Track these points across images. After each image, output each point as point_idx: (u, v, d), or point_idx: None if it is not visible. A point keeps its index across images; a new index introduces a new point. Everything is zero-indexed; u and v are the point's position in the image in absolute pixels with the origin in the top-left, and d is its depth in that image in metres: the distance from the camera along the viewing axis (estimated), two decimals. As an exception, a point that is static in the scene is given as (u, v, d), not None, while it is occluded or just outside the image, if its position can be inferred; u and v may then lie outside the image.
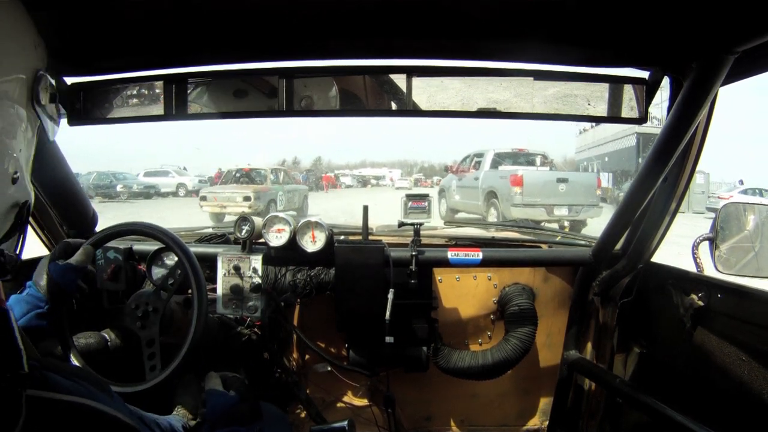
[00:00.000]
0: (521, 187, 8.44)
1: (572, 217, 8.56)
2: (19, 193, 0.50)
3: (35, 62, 0.52)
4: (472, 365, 1.59)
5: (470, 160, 10.26)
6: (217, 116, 1.13)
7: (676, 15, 0.84)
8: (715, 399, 1.06)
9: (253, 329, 1.45)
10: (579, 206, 8.62)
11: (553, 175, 9.01)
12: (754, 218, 1.16)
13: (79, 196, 1.42)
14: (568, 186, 8.66)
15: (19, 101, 0.49)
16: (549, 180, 8.75)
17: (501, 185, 8.77)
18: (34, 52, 0.52)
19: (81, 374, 0.50)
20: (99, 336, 1.21)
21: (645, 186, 1.18)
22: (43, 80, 0.53)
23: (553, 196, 8.53)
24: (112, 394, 0.52)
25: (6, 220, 0.49)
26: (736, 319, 1.03)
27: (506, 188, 8.59)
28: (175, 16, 0.87)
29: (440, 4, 0.85)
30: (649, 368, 1.34)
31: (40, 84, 0.52)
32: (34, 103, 0.52)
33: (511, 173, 8.73)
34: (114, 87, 1.14)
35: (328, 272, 1.52)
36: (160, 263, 1.35)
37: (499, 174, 9.09)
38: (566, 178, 8.88)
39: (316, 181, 26.14)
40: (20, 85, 0.50)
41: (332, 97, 1.11)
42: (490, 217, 8.63)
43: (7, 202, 0.49)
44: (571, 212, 8.59)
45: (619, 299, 1.43)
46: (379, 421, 1.65)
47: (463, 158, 10.71)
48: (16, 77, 0.49)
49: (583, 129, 22.35)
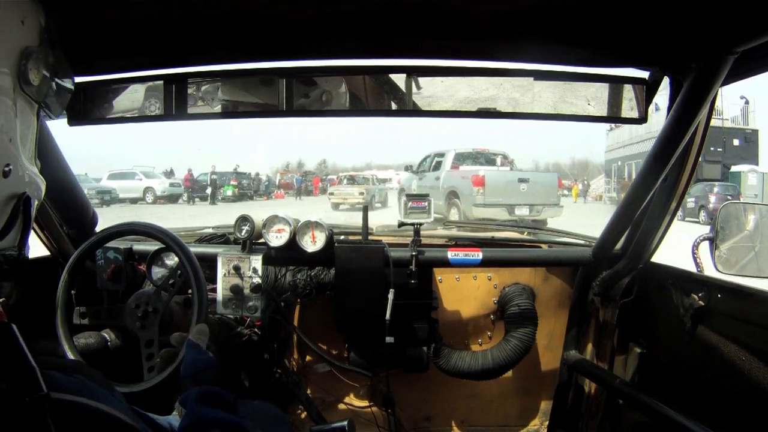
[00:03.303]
0: (483, 187, 8.54)
1: (533, 216, 8.64)
2: (13, 185, 0.46)
3: (21, 39, 0.46)
4: (472, 365, 1.59)
5: (431, 160, 10.31)
6: (217, 116, 1.13)
7: (675, 15, 0.84)
8: (715, 399, 1.06)
9: (253, 329, 1.45)
10: (540, 206, 8.74)
11: (515, 175, 9.14)
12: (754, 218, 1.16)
13: (79, 196, 1.42)
14: (529, 186, 8.80)
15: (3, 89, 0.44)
16: (510, 180, 8.87)
17: (462, 185, 8.85)
18: (20, 27, 0.46)
19: (83, 370, 0.48)
20: (99, 336, 1.22)
21: (645, 186, 1.18)
22: (33, 58, 0.47)
23: (514, 195, 8.65)
24: (114, 391, 0.50)
25: (1, 214, 0.46)
26: (736, 319, 1.03)
27: (468, 188, 8.68)
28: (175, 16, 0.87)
29: (440, 5, 0.85)
30: (650, 368, 1.33)
31: (29, 62, 0.46)
32: (22, 85, 0.46)
33: (473, 173, 8.82)
34: (114, 87, 1.14)
35: (328, 272, 1.52)
36: (160, 263, 1.35)
37: (460, 174, 9.18)
38: (527, 178, 9.02)
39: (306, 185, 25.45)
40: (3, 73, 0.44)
41: (332, 97, 1.11)
42: (451, 216, 8.67)
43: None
44: (532, 212, 8.70)
45: (619, 299, 1.43)
46: (379, 422, 1.65)
47: (424, 158, 10.75)
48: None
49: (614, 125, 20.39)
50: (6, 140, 0.45)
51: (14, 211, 0.47)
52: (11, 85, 0.45)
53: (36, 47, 0.48)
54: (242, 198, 19.63)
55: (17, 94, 0.46)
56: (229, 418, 0.63)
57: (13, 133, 0.46)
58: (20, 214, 0.48)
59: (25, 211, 0.49)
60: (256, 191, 22.25)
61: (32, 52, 0.47)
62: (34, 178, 0.51)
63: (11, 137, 0.46)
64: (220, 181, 19.34)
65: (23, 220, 0.49)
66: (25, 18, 0.47)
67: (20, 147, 0.48)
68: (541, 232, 1.95)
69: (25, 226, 0.50)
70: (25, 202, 0.49)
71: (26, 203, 0.49)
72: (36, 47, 0.48)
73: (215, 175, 19.00)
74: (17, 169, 0.47)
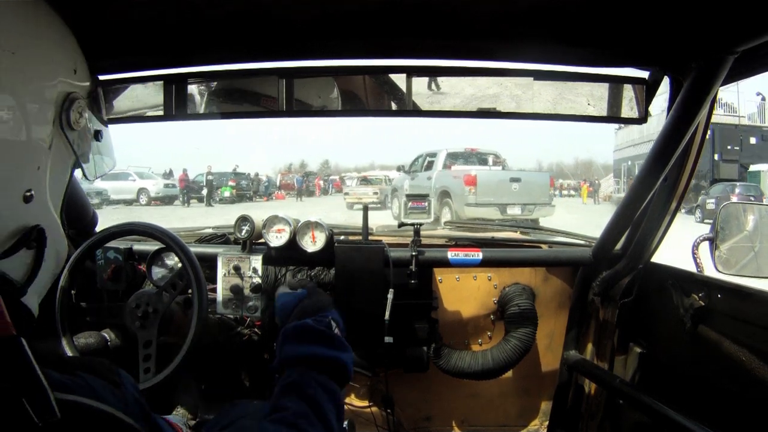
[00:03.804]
0: (475, 186, 8.56)
1: (525, 215, 8.68)
2: (31, 214, 0.45)
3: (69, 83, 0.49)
4: (473, 365, 1.59)
5: (423, 160, 10.34)
6: (217, 116, 1.13)
7: (675, 15, 0.84)
8: (715, 399, 1.06)
9: (253, 329, 1.45)
10: (532, 205, 8.76)
11: (507, 175, 9.17)
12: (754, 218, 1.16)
13: (79, 196, 1.42)
14: (521, 185, 8.82)
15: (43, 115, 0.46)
16: (502, 179, 8.90)
17: (454, 185, 8.87)
18: (71, 73, 0.50)
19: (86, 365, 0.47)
20: (99, 336, 1.22)
21: (645, 186, 1.18)
22: (77, 106, 0.49)
23: (506, 195, 8.68)
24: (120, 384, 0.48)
25: (9, 238, 0.44)
26: (736, 319, 1.03)
27: (460, 188, 8.70)
28: (175, 16, 0.87)
29: (440, 5, 0.85)
30: (650, 368, 1.33)
31: (72, 107, 0.49)
32: (62, 124, 0.48)
33: (465, 173, 8.83)
34: (114, 87, 1.14)
35: (328, 272, 1.52)
36: (160, 263, 1.35)
37: (452, 174, 9.20)
38: (519, 177, 9.05)
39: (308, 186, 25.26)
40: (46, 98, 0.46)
41: (332, 97, 1.11)
42: (443, 216, 8.71)
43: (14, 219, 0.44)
44: (524, 211, 8.73)
45: (619, 299, 1.43)
46: (378, 422, 1.65)
47: (416, 158, 10.77)
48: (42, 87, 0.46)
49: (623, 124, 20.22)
50: (34, 166, 0.46)
51: (22, 240, 0.45)
52: (51, 118, 0.47)
53: (81, 98, 0.50)
54: (241, 199, 19.38)
55: (56, 129, 0.48)
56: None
57: (44, 164, 0.47)
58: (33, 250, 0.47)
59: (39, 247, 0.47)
60: (256, 192, 22.09)
61: (77, 99, 0.50)
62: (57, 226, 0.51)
63: (39, 165, 0.46)
64: (217, 181, 19.03)
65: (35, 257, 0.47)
66: (78, 69, 0.51)
67: (48, 184, 0.47)
68: (541, 232, 1.95)
69: (35, 265, 0.47)
70: (39, 236, 0.47)
71: (39, 237, 0.47)
72: (81, 98, 0.50)
73: (211, 175, 18.69)
74: (40, 201, 0.46)
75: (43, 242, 0.48)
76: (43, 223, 0.48)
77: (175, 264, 1.34)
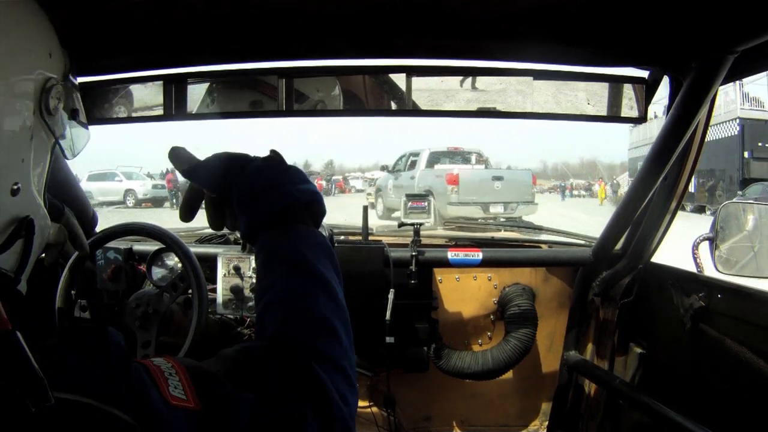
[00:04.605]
0: (457, 185, 8.55)
1: (508, 214, 8.66)
2: (19, 206, 0.46)
3: (47, 68, 0.49)
4: (473, 366, 1.59)
5: (406, 160, 10.34)
6: (217, 116, 1.13)
7: (675, 15, 0.84)
8: (715, 399, 1.06)
9: (253, 329, 1.45)
10: (514, 203, 8.74)
11: (489, 173, 9.16)
12: (754, 218, 1.16)
13: (79, 196, 1.42)
14: (503, 184, 8.81)
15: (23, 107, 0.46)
16: (485, 178, 8.88)
17: (437, 184, 8.82)
18: (47, 58, 0.49)
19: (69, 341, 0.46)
20: (99, 336, 1.21)
21: (645, 185, 1.18)
22: (55, 91, 0.49)
23: (488, 193, 8.66)
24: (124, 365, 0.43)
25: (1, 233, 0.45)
26: (736, 319, 1.03)
27: (442, 187, 8.66)
28: (175, 15, 0.87)
29: (440, 4, 0.85)
30: (650, 369, 1.33)
31: (50, 94, 0.48)
32: (43, 113, 0.48)
33: (447, 172, 8.83)
34: (114, 87, 1.14)
35: (328, 272, 1.52)
36: (160, 263, 1.35)
37: (435, 173, 9.20)
38: (501, 176, 9.04)
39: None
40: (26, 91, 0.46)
41: (332, 96, 1.11)
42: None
43: (3, 214, 0.45)
44: (506, 209, 8.70)
45: (619, 299, 1.43)
46: (379, 422, 1.65)
47: (399, 157, 10.75)
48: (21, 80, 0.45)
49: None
50: (19, 159, 0.46)
51: (15, 232, 0.46)
52: (31, 108, 0.47)
53: (58, 83, 0.50)
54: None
55: (36, 120, 0.47)
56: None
57: (27, 155, 0.47)
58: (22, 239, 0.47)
59: (27, 237, 0.48)
60: (253, 192, 21.76)
61: (54, 86, 0.49)
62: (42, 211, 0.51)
63: (24, 158, 0.46)
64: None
65: (24, 246, 0.48)
66: (53, 52, 0.50)
67: (31, 173, 0.48)
68: (541, 232, 1.95)
69: (24, 253, 0.48)
70: (28, 226, 0.48)
71: (29, 227, 0.48)
72: (58, 83, 0.50)
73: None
74: (26, 191, 0.47)
75: (32, 231, 0.48)
76: (31, 212, 0.48)
77: (175, 264, 1.34)
